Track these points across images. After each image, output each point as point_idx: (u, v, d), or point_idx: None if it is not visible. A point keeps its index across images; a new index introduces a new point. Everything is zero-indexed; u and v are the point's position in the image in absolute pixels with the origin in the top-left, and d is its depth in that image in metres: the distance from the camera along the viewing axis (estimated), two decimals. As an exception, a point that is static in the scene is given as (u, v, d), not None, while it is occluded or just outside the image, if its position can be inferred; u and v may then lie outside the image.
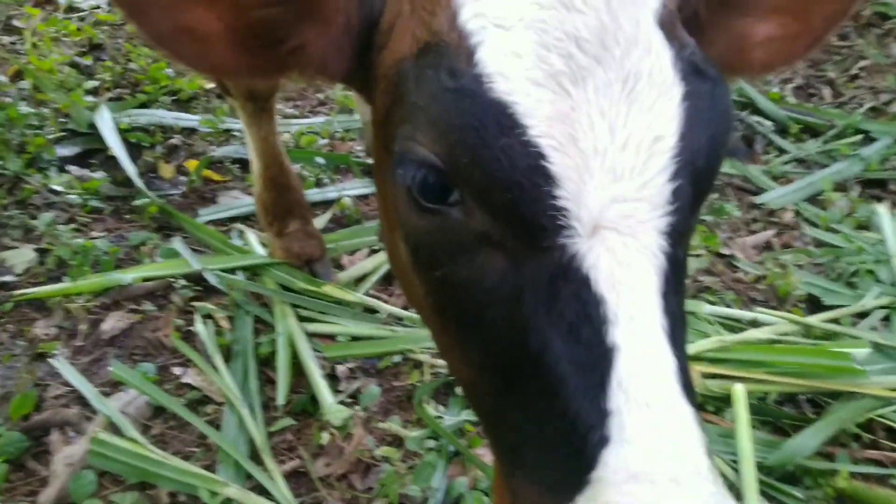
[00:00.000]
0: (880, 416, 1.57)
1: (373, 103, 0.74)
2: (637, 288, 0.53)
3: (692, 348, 1.66)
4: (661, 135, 0.56)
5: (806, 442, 1.52)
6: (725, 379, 1.64)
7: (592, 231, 0.54)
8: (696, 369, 1.64)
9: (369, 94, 0.74)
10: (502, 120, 0.55)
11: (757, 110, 2.72)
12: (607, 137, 0.55)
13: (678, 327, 0.56)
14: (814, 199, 2.34)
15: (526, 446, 0.56)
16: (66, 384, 1.57)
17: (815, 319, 1.81)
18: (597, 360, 0.51)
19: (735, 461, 1.48)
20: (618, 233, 0.54)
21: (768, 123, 2.67)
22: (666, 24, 0.61)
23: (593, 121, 0.55)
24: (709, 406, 1.62)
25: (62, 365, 1.56)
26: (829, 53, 3.20)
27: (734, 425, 1.53)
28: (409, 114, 0.62)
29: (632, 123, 0.56)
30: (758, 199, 2.33)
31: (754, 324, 1.82)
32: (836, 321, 1.83)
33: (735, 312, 1.85)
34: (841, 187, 2.38)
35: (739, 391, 1.58)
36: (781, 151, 2.56)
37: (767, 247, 2.17)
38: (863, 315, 1.86)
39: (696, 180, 0.58)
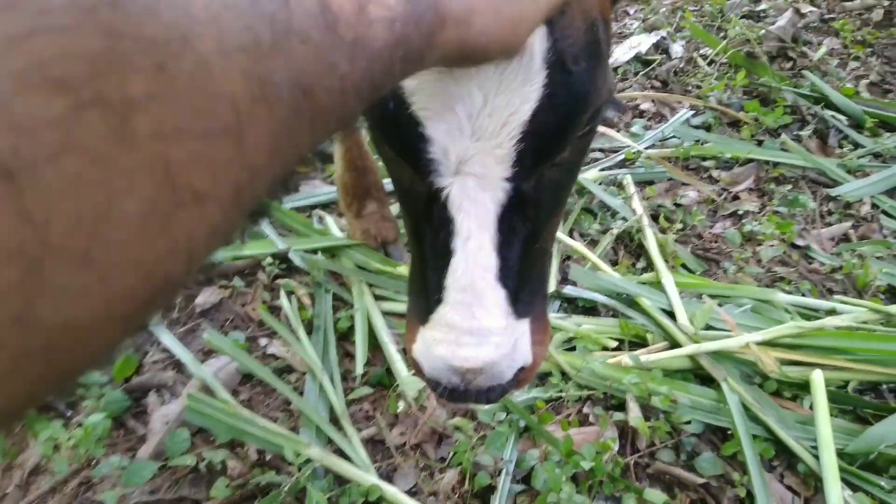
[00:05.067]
0: (970, 408, 1.50)
1: None
2: (476, 213, 0.77)
3: (767, 334, 1.64)
4: (517, 111, 0.74)
5: (889, 431, 1.45)
6: (803, 366, 1.61)
7: (454, 173, 0.76)
8: (772, 355, 1.61)
9: None
10: (393, 98, 0.75)
11: (830, 105, 2.63)
12: (480, 105, 0.74)
13: (515, 241, 0.80)
14: (891, 193, 2.24)
15: (415, 296, 0.88)
16: (164, 350, 1.69)
17: (897, 308, 1.75)
18: (445, 255, 0.78)
19: (815, 447, 1.45)
20: (471, 176, 0.76)
21: (842, 118, 2.58)
22: (553, 18, 0.75)
23: (472, 92, 0.73)
24: (786, 392, 1.58)
25: (163, 332, 1.68)
26: (906, 49, 3.09)
27: (813, 412, 1.50)
28: None
29: (499, 98, 0.74)
30: (833, 192, 2.24)
31: (832, 313, 1.76)
32: (920, 312, 1.76)
33: (812, 301, 1.80)
34: (921, 181, 2.26)
35: (818, 378, 1.54)
36: (856, 146, 2.47)
37: (844, 239, 2.09)
38: (949, 309, 1.76)
39: (538, 147, 0.77)
